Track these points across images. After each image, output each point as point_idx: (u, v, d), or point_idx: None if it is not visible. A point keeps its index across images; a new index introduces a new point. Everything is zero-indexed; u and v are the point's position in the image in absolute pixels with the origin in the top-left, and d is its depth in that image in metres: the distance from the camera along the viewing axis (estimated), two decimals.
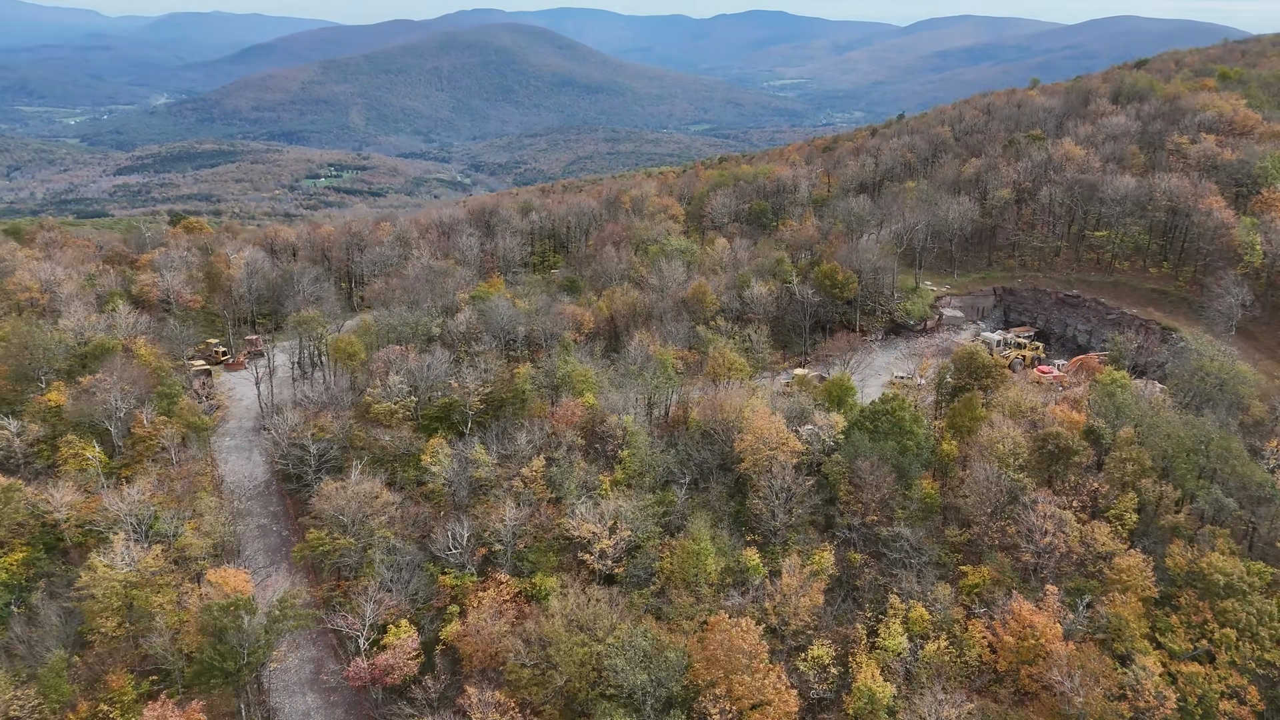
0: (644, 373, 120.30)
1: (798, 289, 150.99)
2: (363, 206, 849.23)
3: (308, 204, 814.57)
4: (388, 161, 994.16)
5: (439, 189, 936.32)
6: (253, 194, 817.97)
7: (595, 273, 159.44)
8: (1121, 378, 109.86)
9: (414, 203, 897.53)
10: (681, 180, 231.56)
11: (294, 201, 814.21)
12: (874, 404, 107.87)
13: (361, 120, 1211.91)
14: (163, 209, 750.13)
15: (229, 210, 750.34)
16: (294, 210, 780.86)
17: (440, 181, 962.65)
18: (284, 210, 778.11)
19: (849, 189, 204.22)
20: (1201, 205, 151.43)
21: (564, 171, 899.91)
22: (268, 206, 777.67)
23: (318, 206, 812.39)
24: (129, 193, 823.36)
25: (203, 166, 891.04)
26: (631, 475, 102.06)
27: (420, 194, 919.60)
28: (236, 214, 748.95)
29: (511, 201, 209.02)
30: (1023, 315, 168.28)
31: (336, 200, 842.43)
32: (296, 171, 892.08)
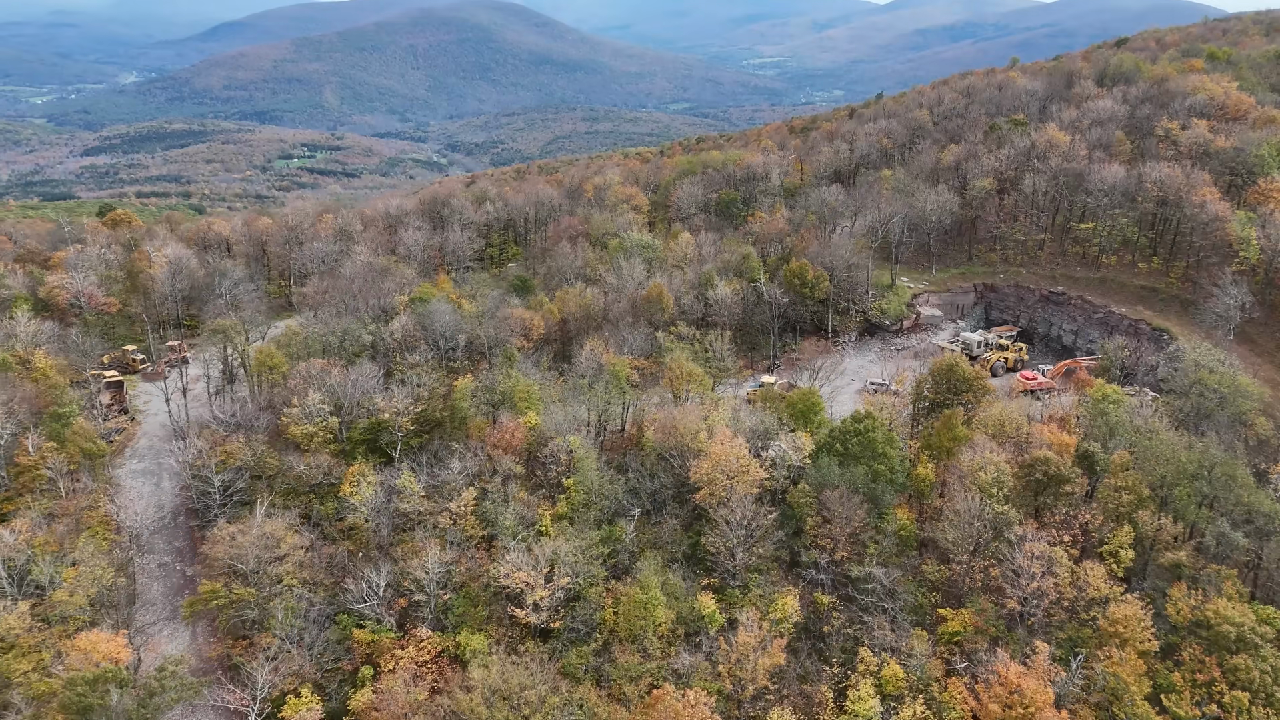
0: (595, 386, 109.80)
1: (766, 289, 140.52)
2: (336, 187, 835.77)
3: (280, 185, 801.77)
4: (362, 141, 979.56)
5: (415, 169, 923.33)
6: (224, 175, 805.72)
7: (550, 270, 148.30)
8: (1114, 392, 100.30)
9: (389, 183, 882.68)
10: (648, 168, 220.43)
11: (266, 183, 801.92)
12: (844, 423, 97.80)
13: (336, 99, 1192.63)
14: (131, 191, 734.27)
15: (199, 192, 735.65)
16: (266, 192, 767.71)
17: (416, 162, 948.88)
18: (256, 191, 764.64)
19: (822, 177, 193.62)
20: (1194, 197, 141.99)
21: (542, 151, 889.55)
22: (239, 188, 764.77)
23: (290, 188, 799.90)
24: (96, 174, 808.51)
25: (172, 147, 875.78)
26: (576, 508, 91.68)
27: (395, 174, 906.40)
28: (207, 195, 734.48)
29: (465, 191, 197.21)
30: (1004, 313, 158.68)
31: (310, 181, 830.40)
32: (269, 152, 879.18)
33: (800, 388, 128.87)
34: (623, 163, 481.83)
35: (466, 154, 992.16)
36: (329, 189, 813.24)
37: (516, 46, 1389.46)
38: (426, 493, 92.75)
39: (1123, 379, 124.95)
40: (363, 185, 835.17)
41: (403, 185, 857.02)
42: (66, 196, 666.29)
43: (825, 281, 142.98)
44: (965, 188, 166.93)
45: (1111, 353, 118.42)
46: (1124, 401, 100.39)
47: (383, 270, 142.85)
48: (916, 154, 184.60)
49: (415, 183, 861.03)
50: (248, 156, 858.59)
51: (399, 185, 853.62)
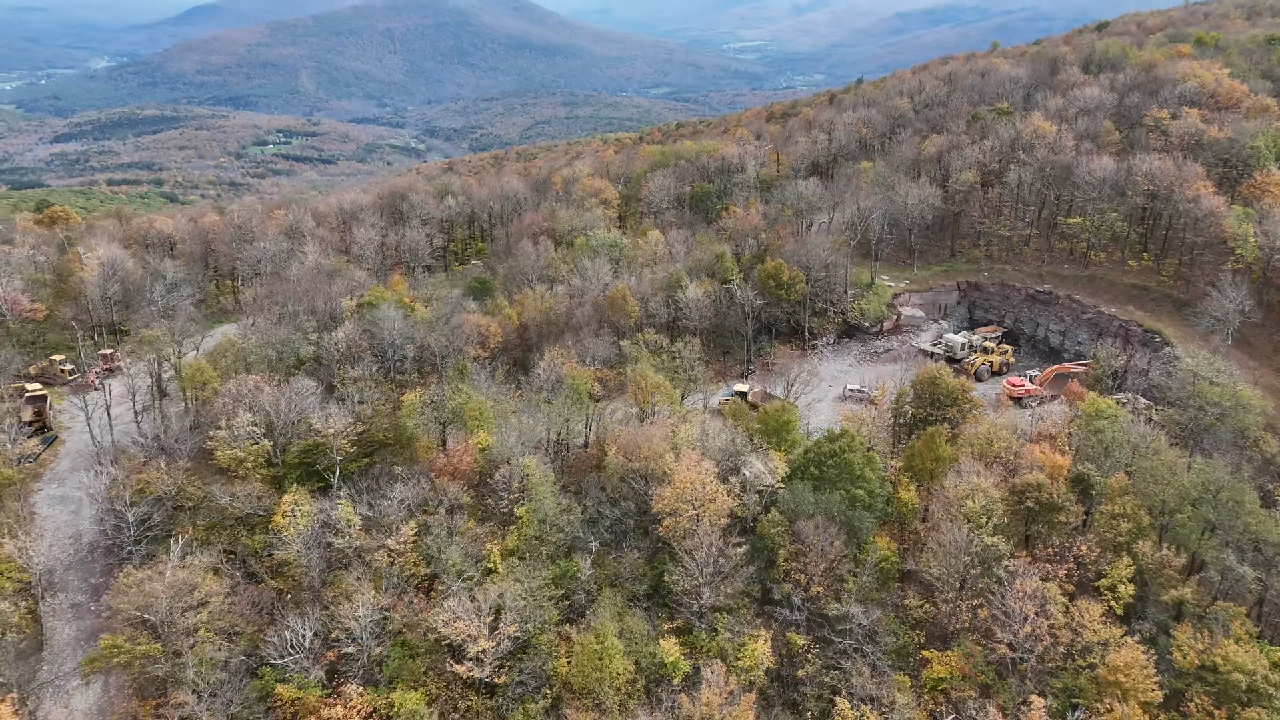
0: (554, 401, 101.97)
1: (739, 291, 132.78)
2: (313, 174, 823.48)
3: (255, 172, 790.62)
4: (339, 127, 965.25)
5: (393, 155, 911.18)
6: (197, 162, 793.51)
7: (510, 271, 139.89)
8: (1108, 407, 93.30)
9: (366, 170, 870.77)
10: (619, 159, 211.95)
11: (240, 170, 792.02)
12: (819, 443, 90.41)
13: (311, 84, 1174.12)
14: (102, 178, 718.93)
15: (171, 179, 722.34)
16: (240, 179, 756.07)
17: (394, 148, 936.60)
18: (230, 179, 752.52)
19: (799, 169, 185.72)
20: (1187, 191, 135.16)
21: (521, 137, 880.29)
22: (213, 175, 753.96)
23: (266, 174, 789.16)
24: (66, 161, 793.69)
25: (144, 133, 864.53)
26: (528, 541, 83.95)
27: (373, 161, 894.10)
28: (180, 183, 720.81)
29: (427, 184, 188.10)
30: (989, 313, 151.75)
31: (286, 168, 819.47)
32: (243, 138, 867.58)
33: (776, 397, 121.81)
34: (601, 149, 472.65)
35: (445, 139, 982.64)
36: (305, 176, 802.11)
37: (495, 30, 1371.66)
38: (365, 524, 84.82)
39: (1115, 386, 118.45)
40: (339, 172, 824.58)
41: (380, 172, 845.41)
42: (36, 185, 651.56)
43: (801, 283, 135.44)
44: (948, 180, 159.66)
45: (1104, 361, 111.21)
46: (1119, 416, 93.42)
47: (332, 272, 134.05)
48: (897, 144, 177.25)
49: (393, 169, 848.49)
50: (222, 143, 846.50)
51: (376, 172, 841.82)
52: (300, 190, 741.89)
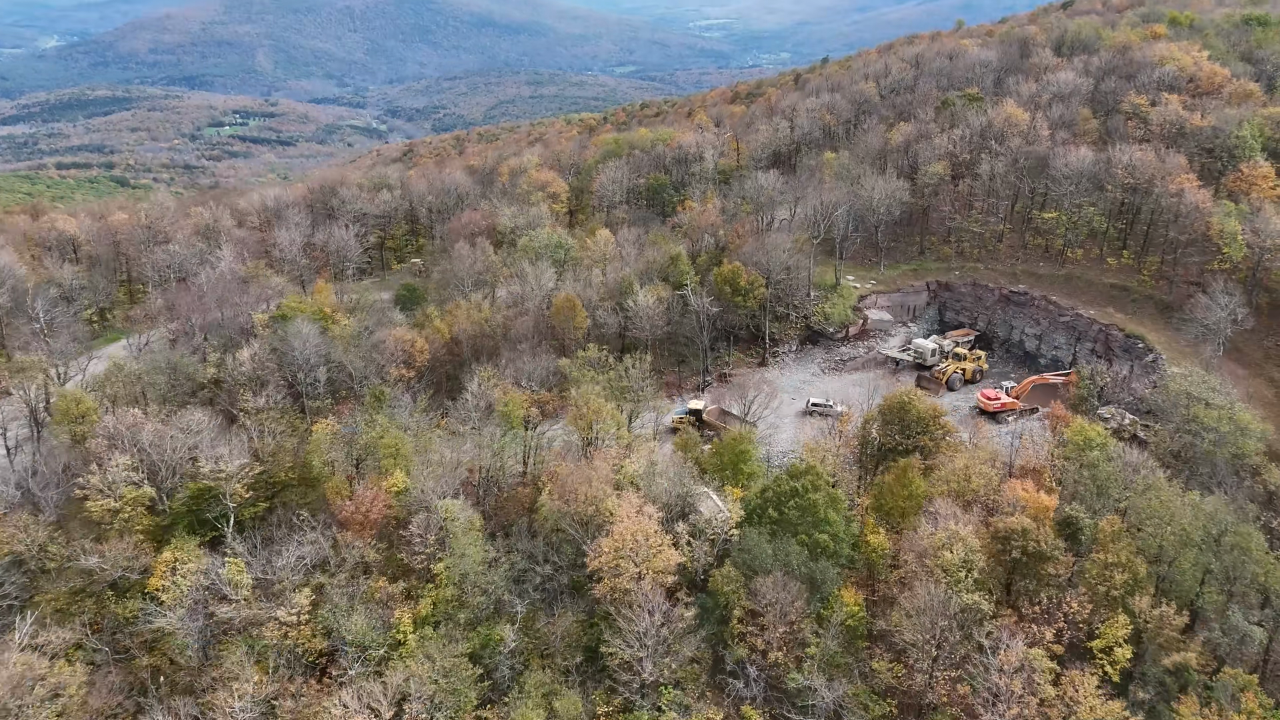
0: (484, 430, 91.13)
1: (694, 298, 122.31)
2: (271, 156, 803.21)
3: (211, 154, 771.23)
4: (297, 107, 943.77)
5: (353, 136, 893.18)
6: (150, 144, 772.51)
7: (444, 277, 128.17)
8: (1097, 435, 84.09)
9: (326, 151, 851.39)
10: (571, 147, 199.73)
11: (196, 152, 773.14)
12: (779, 481, 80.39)
13: (269, 63, 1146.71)
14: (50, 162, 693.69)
15: (123, 163, 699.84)
16: (195, 161, 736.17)
17: (354, 129, 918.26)
18: (184, 161, 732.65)
19: (760, 159, 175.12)
20: (1170, 185, 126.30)
21: (485, 117, 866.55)
22: (166, 157, 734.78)
23: (222, 157, 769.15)
24: (14, 145, 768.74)
25: (95, 115, 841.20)
26: (447, 604, 73.37)
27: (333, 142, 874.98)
28: (132, 166, 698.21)
29: (361, 176, 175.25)
30: (960, 315, 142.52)
31: (243, 150, 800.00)
32: (198, 119, 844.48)
33: (733, 415, 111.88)
34: (565, 130, 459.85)
35: (407, 120, 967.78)
36: (263, 158, 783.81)
37: (457, 7, 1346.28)
38: (259, 586, 73.72)
39: (1098, 398, 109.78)
40: (299, 154, 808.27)
41: (341, 153, 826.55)
42: None
43: (761, 287, 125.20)
44: (916, 172, 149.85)
45: (1088, 378, 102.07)
46: (1108, 444, 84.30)
47: (246, 279, 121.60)
48: (862, 133, 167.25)
49: (354, 150, 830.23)
50: (175, 124, 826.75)
51: (337, 154, 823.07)
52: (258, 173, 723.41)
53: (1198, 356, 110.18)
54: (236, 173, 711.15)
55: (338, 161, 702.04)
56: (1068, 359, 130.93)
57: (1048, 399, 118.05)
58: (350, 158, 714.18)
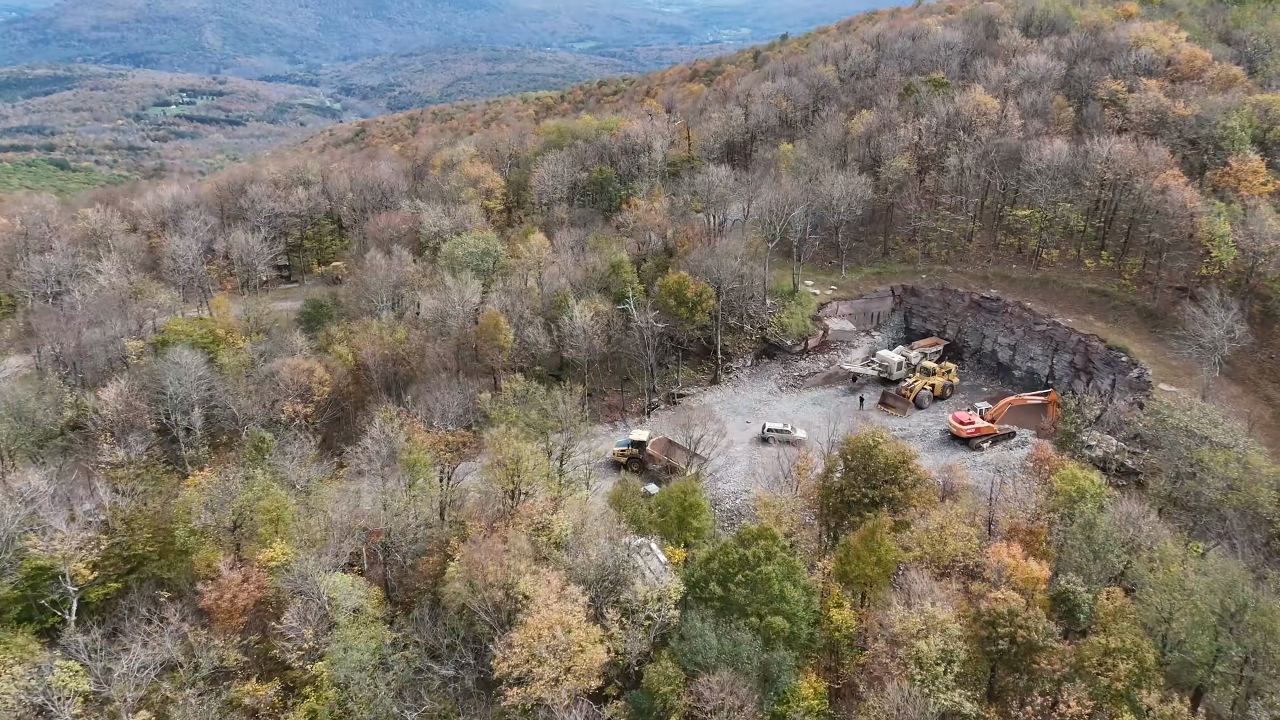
0: (387, 483, 78.55)
1: (637, 314, 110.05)
2: (219, 136, 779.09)
3: (156, 135, 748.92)
4: (248, 86, 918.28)
5: (306, 115, 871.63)
6: (93, 125, 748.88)
7: (355, 290, 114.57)
8: (1091, 484, 73.19)
9: (277, 131, 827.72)
10: (511, 136, 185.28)
11: (141, 132, 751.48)
12: (727, 548, 68.58)
13: (217, 40, 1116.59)
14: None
15: (64, 144, 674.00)
16: (141, 142, 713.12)
17: (307, 107, 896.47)
18: (129, 142, 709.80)
19: (712, 151, 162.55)
20: (1154, 181, 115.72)
21: (441, 95, 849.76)
22: (110, 138, 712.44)
23: (168, 138, 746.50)
24: None
25: (35, 94, 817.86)
26: (329, 715, 60.98)
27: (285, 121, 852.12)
28: (73, 148, 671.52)
29: (276, 170, 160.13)
30: (928, 322, 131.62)
31: (190, 130, 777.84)
32: (144, 98, 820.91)
33: (681, 447, 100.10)
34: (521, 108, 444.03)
35: (362, 98, 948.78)
36: (211, 138, 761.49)
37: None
38: (93, 699, 60.81)
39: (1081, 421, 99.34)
40: (249, 134, 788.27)
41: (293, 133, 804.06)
42: None
43: (710, 300, 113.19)
44: (879, 166, 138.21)
45: (1074, 409, 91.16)
46: (1103, 492, 73.51)
47: (128, 296, 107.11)
48: (821, 122, 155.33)
49: (306, 130, 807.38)
50: (120, 104, 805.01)
51: (289, 133, 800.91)
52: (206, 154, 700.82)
53: (1190, 377, 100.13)
54: (183, 154, 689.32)
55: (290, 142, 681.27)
56: (1044, 371, 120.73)
57: (1032, 420, 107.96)
58: (303, 138, 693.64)
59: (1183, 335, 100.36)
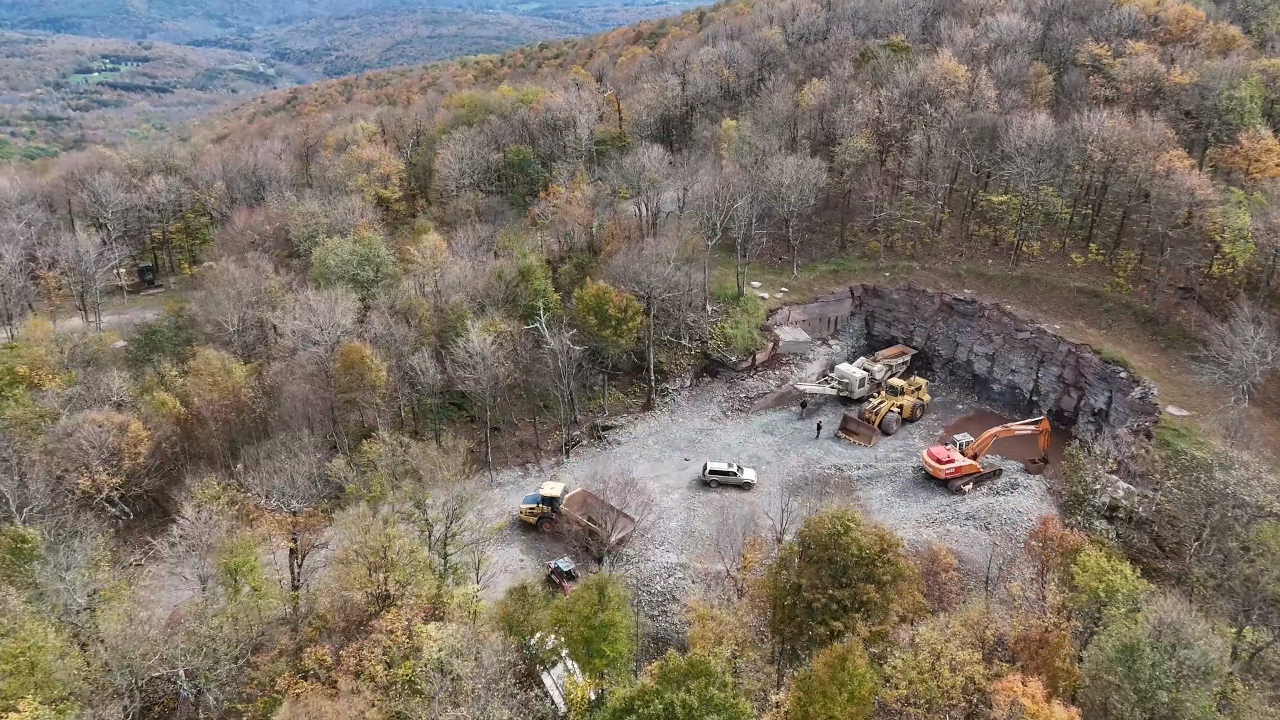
0: (207, 590, 58.84)
1: (551, 336, 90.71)
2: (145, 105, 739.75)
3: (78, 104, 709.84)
4: (175, 51, 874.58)
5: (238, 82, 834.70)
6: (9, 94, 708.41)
7: (202, 311, 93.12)
8: (1123, 579, 55.97)
9: (208, 99, 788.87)
10: (418, 112, 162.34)
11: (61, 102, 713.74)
12: (646, 695, 50.16)
13: (143, 3, 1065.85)
14: None
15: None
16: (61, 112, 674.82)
17: (239, 73, 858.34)
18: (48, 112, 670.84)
19: (645, 126, 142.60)
20: (1155, 163, 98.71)
21: (380, 59, 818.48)
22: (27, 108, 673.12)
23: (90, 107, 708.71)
24: None
25: None
26: None
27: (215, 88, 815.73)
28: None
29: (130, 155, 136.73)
30: (893, 328, 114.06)
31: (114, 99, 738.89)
32: (64, 65, 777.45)
33: (602, 501, 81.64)
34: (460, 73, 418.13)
35: (297, 63, 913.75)
36: (136, 107, 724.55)
37: None
38: None
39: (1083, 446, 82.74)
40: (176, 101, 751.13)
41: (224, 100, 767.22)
42: None
43: (638, 315, 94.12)
44: (833, 145, 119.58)
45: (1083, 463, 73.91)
46: (1138, 587, 56.42)
47: None
48: (767, 93, 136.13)
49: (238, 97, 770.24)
50: (38, 71, 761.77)
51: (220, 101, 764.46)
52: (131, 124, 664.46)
53: (1204, 398, 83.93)
54: (107, 124, 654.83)
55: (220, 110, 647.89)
56: (1028, 386, 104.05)
57: (1019, 451, 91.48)
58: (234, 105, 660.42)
59: (1202, 357, 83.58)
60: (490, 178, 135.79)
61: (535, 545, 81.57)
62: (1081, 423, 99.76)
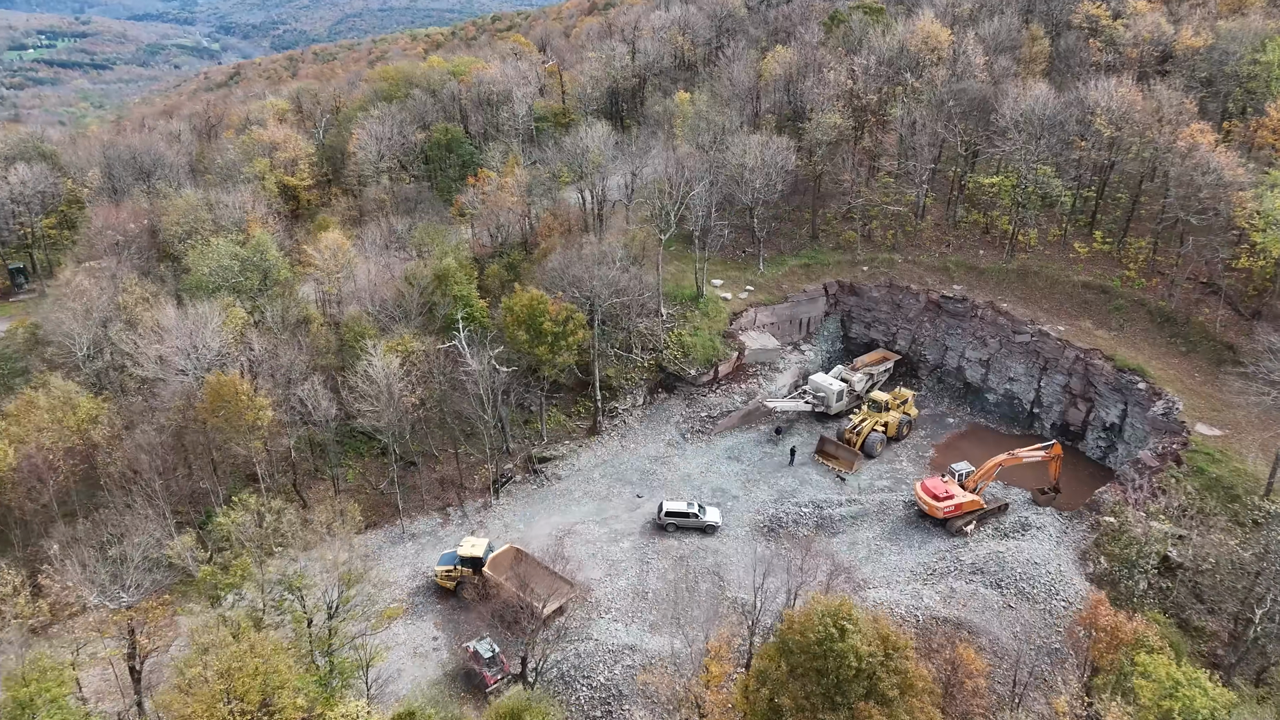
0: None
1: (471, 352, 75.52)
2: (83, 82, 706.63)
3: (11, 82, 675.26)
4: (114, 25, 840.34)
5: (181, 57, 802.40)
6: None
7: (49, 328, 76.46)
8: (1202, 697, 42.68)
9: (149, 75, 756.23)
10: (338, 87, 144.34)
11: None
12: None
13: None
14: None
15: None
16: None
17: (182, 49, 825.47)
18: None
19: (591, 102, 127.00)
20: (1179, 140, 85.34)
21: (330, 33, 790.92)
22: None
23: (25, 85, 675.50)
24: None
25: None
26: None
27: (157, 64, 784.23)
28: None
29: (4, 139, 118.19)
30: (873, 330, 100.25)
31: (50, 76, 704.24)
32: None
33: (532, 558, 67.31)
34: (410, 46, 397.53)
35: (243, 37, 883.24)
36: (74, 84, 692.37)
37: None
38: None
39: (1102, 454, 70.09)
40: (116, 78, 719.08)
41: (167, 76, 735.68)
42: None
43: (579, 328, 79.22)
44: (802, 122, 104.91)
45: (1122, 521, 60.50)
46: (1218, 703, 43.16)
47: None
48: (726, 62, 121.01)
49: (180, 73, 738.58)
50: None
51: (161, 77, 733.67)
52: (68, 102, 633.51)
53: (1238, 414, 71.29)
54: (43, 102, 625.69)
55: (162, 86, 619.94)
56: (1028, 397, 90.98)
57: (1027, 478, 78.67)
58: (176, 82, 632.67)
59: (1249, 374, 70.65)
60: (415, 161, 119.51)
61: (454, 617, 66.91)
62: (1091, 440, 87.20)
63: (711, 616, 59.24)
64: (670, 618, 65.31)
